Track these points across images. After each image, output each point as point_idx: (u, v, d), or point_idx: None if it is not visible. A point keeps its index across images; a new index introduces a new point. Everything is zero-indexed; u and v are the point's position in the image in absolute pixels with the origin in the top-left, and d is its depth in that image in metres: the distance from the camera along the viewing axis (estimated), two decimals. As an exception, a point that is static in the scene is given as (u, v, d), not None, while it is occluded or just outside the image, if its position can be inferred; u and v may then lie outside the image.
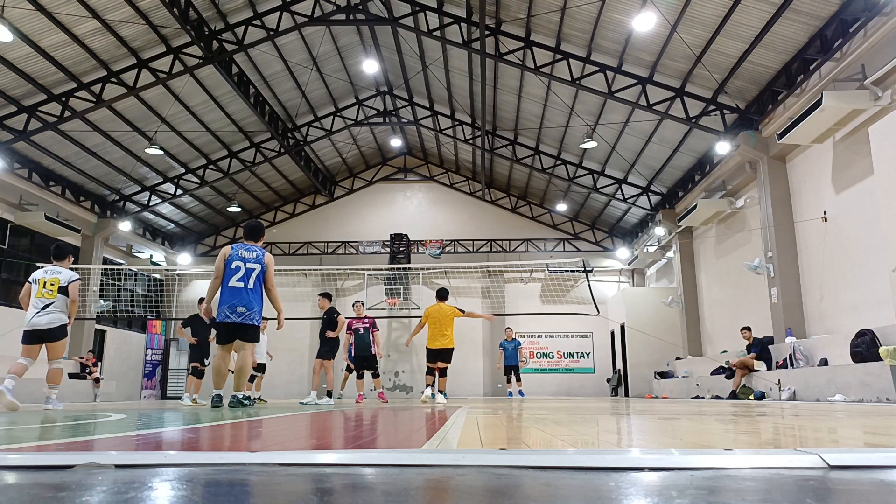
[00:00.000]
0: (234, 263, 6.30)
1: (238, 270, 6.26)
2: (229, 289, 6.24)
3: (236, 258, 6.32)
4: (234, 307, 6.18)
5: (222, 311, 6.21)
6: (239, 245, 6.45)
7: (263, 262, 6.40)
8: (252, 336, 6.33)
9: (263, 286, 6.41)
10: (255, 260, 6.35)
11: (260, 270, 6.34)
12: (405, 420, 3.68)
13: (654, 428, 2.88)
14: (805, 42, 10.46)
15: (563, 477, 1.06)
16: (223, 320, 6.21)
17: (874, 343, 8.34)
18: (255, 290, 6.28)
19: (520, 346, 15.45)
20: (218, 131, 17.02)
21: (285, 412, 5.19)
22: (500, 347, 15.40)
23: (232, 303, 6.19)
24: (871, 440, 2.07)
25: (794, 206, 11.96)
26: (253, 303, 6.23)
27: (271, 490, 0.97)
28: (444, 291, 9.92)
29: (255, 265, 6.32)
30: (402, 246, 21.67)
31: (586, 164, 18.32)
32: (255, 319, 6.25)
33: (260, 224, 6.81)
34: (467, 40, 13.62)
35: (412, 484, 1.02)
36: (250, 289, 6.24)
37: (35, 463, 1.23)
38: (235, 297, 6.20)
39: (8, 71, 12.20)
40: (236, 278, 6.24)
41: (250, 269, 6.29)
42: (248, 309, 6.19)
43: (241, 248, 6.41)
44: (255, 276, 6.28)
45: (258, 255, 6.41)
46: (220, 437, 2.38)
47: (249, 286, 6.24)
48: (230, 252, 6.36)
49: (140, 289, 20.89)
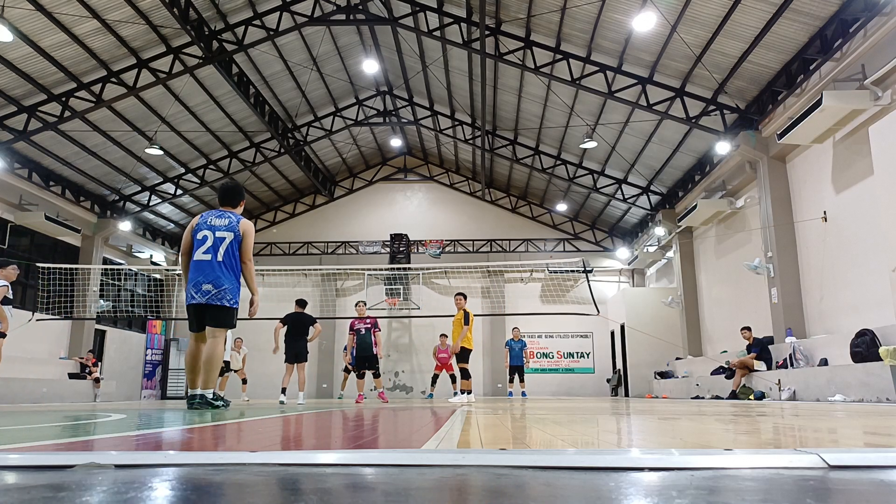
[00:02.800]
0: (201, 233, 5.33)
1: (205, 241, 5.30)
2: (195, 263, 5.28)
3: (204, 227, 5.36)
4: (199, 285, 5.21)
5: (189, 291, 5.28)
6: (210, 212, 5.50)
7: (237, 229, 5.37)
8: (223, 320, 5.31)
9: (240, 259, 5.38)
10: (226, 227, 5.36)
11: (232, 239, 5.32)
12: (405, 420, 3.68)
13: (654, 428, 2.88)
14: (805, 42, 10.46)
15: (563, 477, 1.06)
16: (189, 302, 5.28)
17: (874, 343, 8.34)
18: (227, 263, 5.27)
19: (525, 346, 15.49)
20: (218, 131, 17.02)
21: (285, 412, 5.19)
22: (507, 346, 15.44)
23: (197, 280, 5.22)
24: (871, 440, 2.07)
25: (794, 206, 11.96)
26: (222, 279, 5.22)
27: (271, 490, 0.97)
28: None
29: (227, 233, 5.33)
30: (402, 246, 21.67)
31: (586, 164, 18.32)
32: (225, 299, 5.25)
33: (236, 185, 5.78)
34: (467, 40, 13.62)
35: (412, 484, 1.02)
36: (219, 261, 5.25)
37: (35, 463, 1.23)
38: (201, 272, 5.22)
39: (8, 71, 12.20)
40: (202, 250, 5.28)
41: (220, 239, 5.30)
42: (216, 286, 5.20)
43: (211, 214, 5.45)
44: (224, 247, 5.27)
45: (231, 222, 5.40)
46: (220, 437, 2.38)
47: (218, 258, 5.25)
48: (198, 220, 5.42)
49: (140, 289, 20.89)
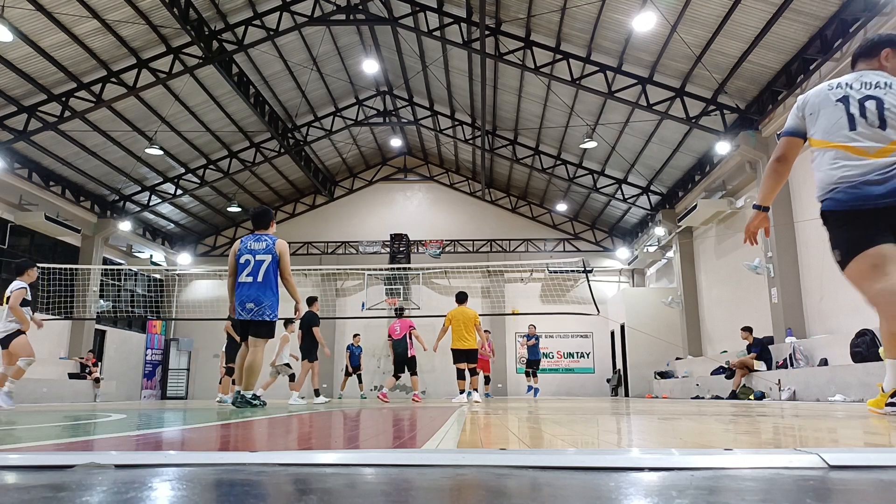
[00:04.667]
0: (244, 258, 6.10)
1: (247, 265, 6.06)
2: (240, 285, 6.06)
3: (245, 252, 6.11)
4: (243, 304, 6.01)
5: (237, 309, 6.08)
6: (248, 237, 6.22)
7: (274, 251, 6.11)
8: (263, 332, 6.08)
9: (280, 276, 6.14)
10: (264, 251, 6.09)
11: (270, 261, 6.05)
12: (405, 420, 3.68)
13: (654, 428, 2.88)
14: (805, 42, 10.46)
15: (563, 477, 1.06)
16: (238, 318, 6.12)
17: (874, 343, 8.34)
18: (266, 283, 6.02)
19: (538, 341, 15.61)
20: (218, 131, 17.02)
21: (286, 412, 5.19)
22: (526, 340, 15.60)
23: (242, 299, 6.02)
24: (871, 440, 2.07)
25: (794, 206, 11.96)
26: (262, 297, 5.99)
27: (271, 490, 0.97)
28: (463, 295, 10.12)
29: (265, 255, 6.07)
30: (402, 246, 21.67)
31: (586, 164, 18.33)
32: (266, 314, 6.02)
33: (266, 210, 6.49)
34: (467, 40, 13.62)
35: (412, 484, 1.02)
36: (259, 282, 6.00)
37: (35, 463, 1.23)
38: (244, 293, 6.01)
39: (8, 71, 12.20)
40: (245, 273, 6.04)
41: (259, 262, 6.04)
42: (257, 304, 5.98)
43: (250, 239, 6.19)
44: (264, 269, 6.02)
45: (268, 244, 6.14)
46: (220, 437, 2.38)
47: (259, 279, 6.01)
48: (240, 246, 6.17)
49: (140, 289, 20.89)
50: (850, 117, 2.94)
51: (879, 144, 2.84)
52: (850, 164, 2.87)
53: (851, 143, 2.89)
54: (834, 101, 3.02)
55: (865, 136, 2.88)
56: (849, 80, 3.08)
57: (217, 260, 22.44)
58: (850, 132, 2.91)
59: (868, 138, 2.88)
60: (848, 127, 2.92)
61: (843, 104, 2.99)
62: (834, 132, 2.95)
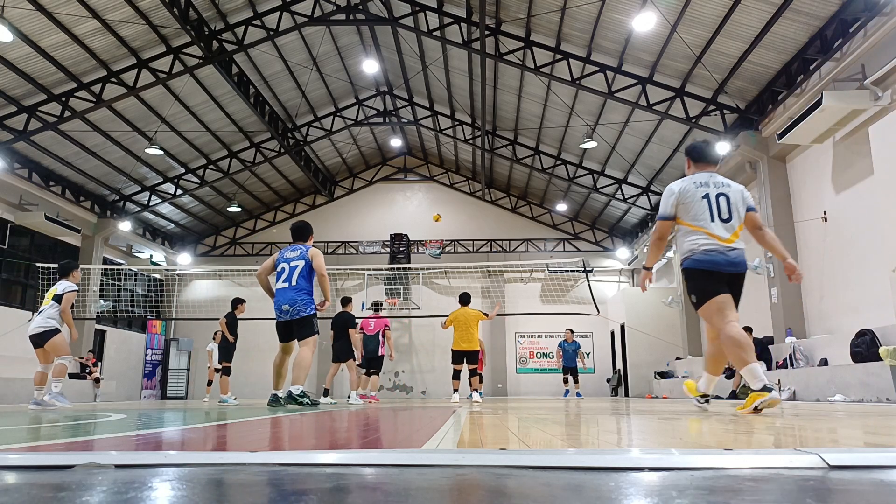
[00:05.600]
0: (279, 266, 6.58)
1: (283, 273, 6.53)
2: (277, 291, 6.52)
3: (281, 261, 6.61)
4: (280, 306, 6.44)
5: (276, 313, 6.51)
6: (286, 248, 6.72)
7: (307, 255, 6.55)
8: (306, 331, 6.43)
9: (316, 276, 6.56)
10: (298, 257, 6.55)
11: (303, 266, 6.49)
12: (405, 420, 3.68)
13: (654, 428, 2.88)
14: (805, 42, 10.46)
15: (563, 477, 1.06)
16: (278, 320, 6.52)
17: (874, 343, 8.34)
18: (299, 285, 6.44)
19: (579, 347, 15.46)
20: (218, 131, 17.02)
21: (286, 412, 5.19)
22: (559, 348, 15.49)
23: (279, 304, 6.46)
24: (871, 440, 2.07)
25: (794, 206, 11.96)
26: (296, 298, 6.40)
27: (271, 490, 0.97)
28: (466, 296, 10.05)
29: (299, 261, 6.51)
30: (402, 246, 21.67)
31: (586, 164, 18.32)
32: (301, 311, 6.39)
33: (303, 224, 6.91)
34: (467, 40, 13.62)
35: (412, 484, 1.02)
36: (293, 285, 6.43)
37: (35, 463, 1.23)
38: (281, 297, 6.46)
39: (8, 71, 12.20)
40: (282, 280, 6.51)
41: (293, 267, 6.49)
42: (291, 305, 6.38)
43: (287, 250, 6.68)
44: (297, 273, 6.45)
45: (302, 252, 6.59)
46: (220, 437, 2.38)
47: (292, 283, 6.44)
48: (278, 255, 6.70)
49: (140, 289, 20.89)
50: (710, 210, 4.08)
51: (727, 233, 4.05)
52: (708, 242, 4.03)
53: (710, 228, 4.04)
54: (700, 197, 4.12)
55: (720, 224, 4.06)
56: (704, 180, 4.19)
57: (217, 260, 22.45)
58: (710, 221, 4.06)
59: (721, 226, 4.06)
60: (710, 217, 4.06)
61: (706, 200, 4.11)
62: (699, 218, 4.08)
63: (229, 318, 11.07)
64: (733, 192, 4.15)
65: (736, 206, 4.13)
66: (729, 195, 4.13)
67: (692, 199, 4.12)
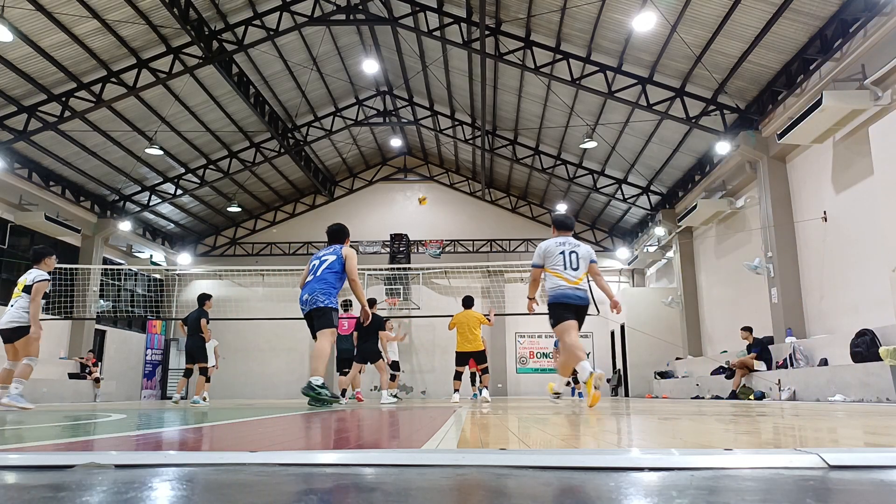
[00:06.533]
0: (311, 264, 6.61)
1: (313, 269, 6.53)
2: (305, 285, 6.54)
3: (314, 259, 6.65)
4: (301, 298, 6.44)
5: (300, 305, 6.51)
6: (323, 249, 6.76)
7: (340, 253, 6.55)
8: (325, 322, 6.32)
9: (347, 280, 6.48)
10: (331, 253, 6.58)
11: (334, 260, 6.47)
12: (405, 420, 3.68)
13: (654, 428, 2.88)
14: (805, 42, 10.45)
15: (563, 477, 1.06)
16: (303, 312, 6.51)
17: (874, 343, 8.34)
18: (323, 277, 6.39)
19: None
20: (218, 131, 17.02)
21: (286, 412, 5.19)
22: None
23: (301, 296, 6.46)
24: (871, 440, 2.07)
25: (794, 206, 11.96)
26: (315, 289, 6.34)
27: (271, 490, 0.97)
28: (469, 300, 10.37)
29: (330, 256, 6.52)
30: (402, 246, 21.67)
31: (586, 164, 18.32)
32: (319, 301, 6.30)
33: (339, 227, 6.88)
34: (467, 40, 13.62)
35: (412, 484, 1.02)
36: (317, 277, 6.40)
37: (35, 463, 1.23)
38: (304, 290, 6.46)
39: (8, 71, 12.19)
40: (310, 273, 6.53)
41: (324, 261, 6.49)
42: (310, 294, 6.33)
43: (323, 251, 6.71)
44: (325, 266, 6.44)
45: (336, 249, 6.62)
46: (220, 437, 2.39)
47: (317, 275, 6.42)
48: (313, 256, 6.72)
49: (140, 289, 20.89)
50: (564, 261, 5.66)
51: (575, 278, 5.62)
52: (562, 284, 5.61)
53: (564, 274, 5.62)
54: (558, 253, 5.69)
55: (570, 272, 5.63)
56: (562, 241, 5.81)
57: (217, 260, 22.44)
58: (564, 270, 5.63)
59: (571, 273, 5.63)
60: (563, 267, 5.64)
61: (562, 255, 5.68)
62: (557, 267, 5.65)
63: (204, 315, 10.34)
64: (581, 250, 5.77)
65: (583, 260, 5.72)
66: (578, 252, 5.74)
67: (553, 254, 5.70)
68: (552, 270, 5.66)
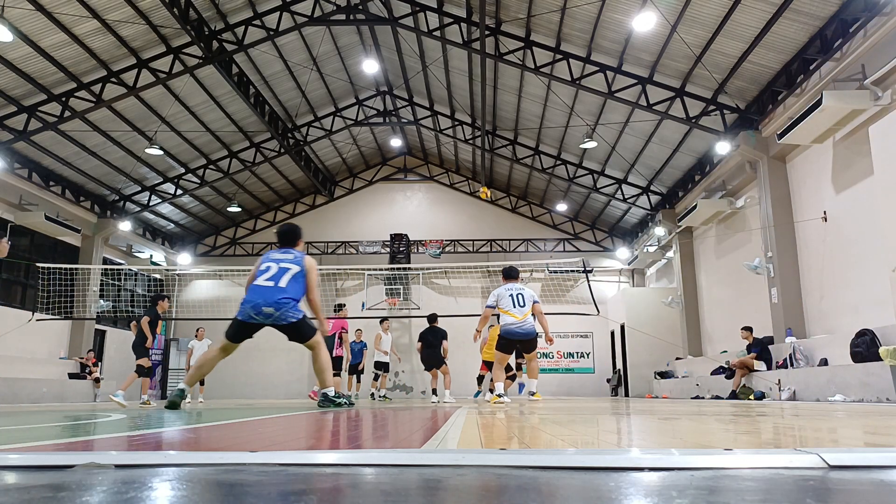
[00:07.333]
0: (265, 265, 5.74)
1: (268, 271, 5.65)
2: (254, 287, 5.59)
3: (268, 260, 5.79)
4: (258, 307, 5.45)
5: (244, 310, 5.51)
6: (274, 251, 5.95)
7: (302, 263, 5.76)
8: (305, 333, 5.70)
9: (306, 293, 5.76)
10: (291, 261, 5.75)
11: (297, 272, 5.67)
12: (405, 420, 3.68)
13: (654, 428, 2.88)
14: (805, 42, 10.46)
15: (563, 477, 1.06)
16: (244, 319, 5.53)
17: (874, 343, 8.34)
18: (290, 289, 5.58)
19: None
20: (218, 131, 17.02)
21: (286, 412, 5.19)
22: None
23: (256, 302, 5.47)
24: (871, 440, 2.07)
25: (794, 206, 11.96)
26: (283, 303, 5.48)
27: (271, 490, 0.97)
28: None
29: (292, 265, 5.70)
30: (402, 246, 21.67)
31: (586, 164, 18.32)
32: (289, 316, 5.52)
33: (292, 227, 6.22)
34: (467, 40, 13.62)
35: (412, 484, 1.02)
36: (281, 287, 5.53)
37: (35, 463, 1.23)
38: (261, 296, 5.49)
39: (8, 71, 12.19)
40: (264, 278, 5.60)
41: (284, 269, 5.65)
42: (278, 309, 5.46)
43: (275, 252, 5.92)
44: (288, 277, 5.61)
45: (296, 256, 5.82)
46: (220, 437, 2.39)
47: (280, 284, 5.55)
48: (263, 257, 5.91)
49: (140, 289, 20.89)
50: (514, 302, 7.44)
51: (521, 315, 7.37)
52: (512, 320, 7.40)
53: (514, 312, 7.39)
54: (508, 296, 7.50)
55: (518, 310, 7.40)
56: (511, 286, 7.64)
57: (217, 260, 22.44)
58: (513, 308, 7.40)
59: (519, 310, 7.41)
60: (513, 306, 7.41)
61: (511, 297, 7.48)
62: (508, 307, 7.42)
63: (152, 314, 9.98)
64: (526, 293, 7.60)
65: (528, 300, 7.52)
66: (524, 294, 7.55)
67: (504, 297, 7.52)
68: (504, 310, 7.38)
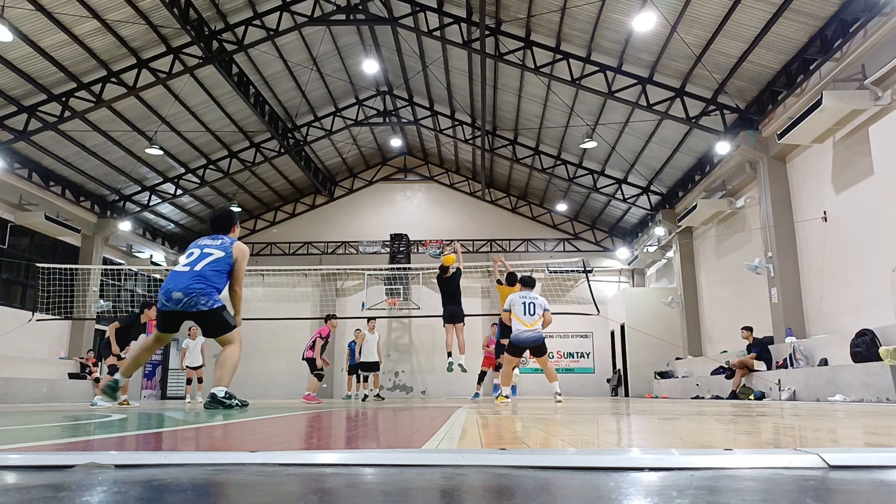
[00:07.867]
0: (190, 250, 5.34)
1: (190, 255, 5.25)
2: (171, 272, 5.21)
3: (194, 246, 5.36)
4: (168, 293, 5.04)
5: (159, 297, 5.16)
6: (204, 237, 5.48)
7: (230, 250, 5.26)
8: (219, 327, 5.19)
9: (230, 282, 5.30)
10: (217, 247, 5.27)
11: (222, 257, 5.19)
12: (405, 420, 3.68)
13: (654, 428, 2.88)
14: (805, 42, 10.46)
15: (563, 477, 1.06)
16: (160, 307, 5.18)
17: (874, 343, 8.34)
18: (204, 275, 5.10)
19: None
20: (218, 131, 17.02)
21: (286, 412, 5.19)
22: None
23: (167, 288, 5.08)
24: (871, 440, 2.07)
25: (794, 206, 11.96)
26: (193, 289, 5.02)
27: (271, 490, 0.97)
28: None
29: (216, 251, 5.23)
30: (402, 246, 21.67)
31: (586, 164, 18.32)
32: (199, 305, 5.03)
33: (224, 212, 5.75)
34: (467, 40, 13.62)
35: (412, 484, 1.02)
36: (196, 272, 5.08)
37: (35, 463, 1.23)
38: (174, 282, 5.08)
39: (8, 71, 12.20)
40: (182, 263, 5.21)
41: (206, 254, 5.19)
42: (187, 294, 5.00)
43: (204, 238, 5.46)
44: (207, 261, 5.15)
45: (224, 243, 5.32)
46: (220, 437, 2.39)
47: (196, 269, 5.10)
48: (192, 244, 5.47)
49: (140, 289, 20.88)
50: (525, 310, 7.86)
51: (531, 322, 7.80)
52: (521, 328, 7.84)
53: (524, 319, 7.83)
54: (520, 303, 7.88)
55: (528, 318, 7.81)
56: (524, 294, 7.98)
57: (217, 260, 22.42)
58: (523, 315, 7.83)
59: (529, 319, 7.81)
60: (524, 313, 7.84)
61: (522, 305, 7.87)
62: (519, 314, 7.85)
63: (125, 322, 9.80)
64: (538, 302, 7.92)
65: (539, 309, 7.86)
66: (536, 303, 7.89)
67: (517, 304, 7.91)
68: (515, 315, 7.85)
